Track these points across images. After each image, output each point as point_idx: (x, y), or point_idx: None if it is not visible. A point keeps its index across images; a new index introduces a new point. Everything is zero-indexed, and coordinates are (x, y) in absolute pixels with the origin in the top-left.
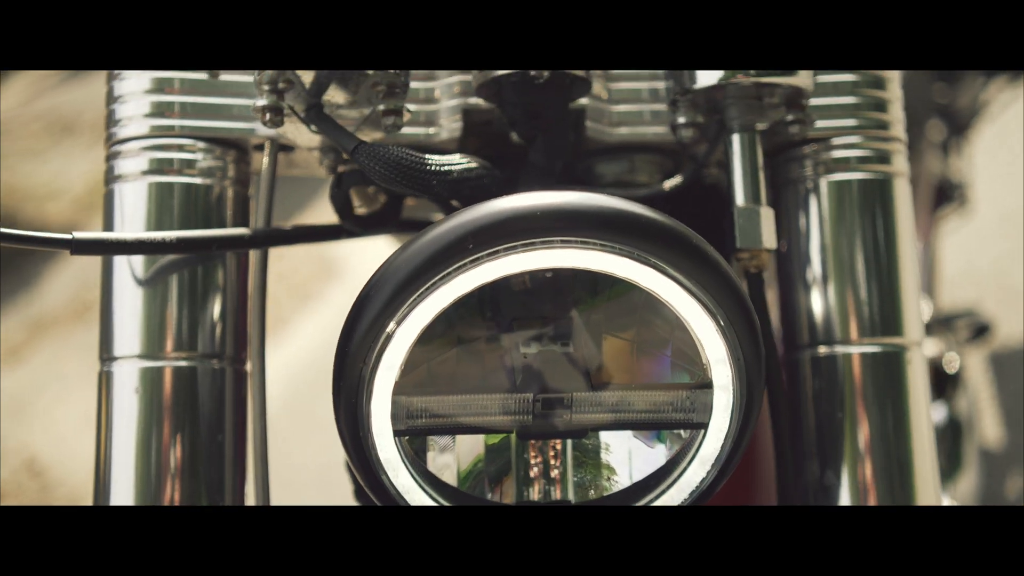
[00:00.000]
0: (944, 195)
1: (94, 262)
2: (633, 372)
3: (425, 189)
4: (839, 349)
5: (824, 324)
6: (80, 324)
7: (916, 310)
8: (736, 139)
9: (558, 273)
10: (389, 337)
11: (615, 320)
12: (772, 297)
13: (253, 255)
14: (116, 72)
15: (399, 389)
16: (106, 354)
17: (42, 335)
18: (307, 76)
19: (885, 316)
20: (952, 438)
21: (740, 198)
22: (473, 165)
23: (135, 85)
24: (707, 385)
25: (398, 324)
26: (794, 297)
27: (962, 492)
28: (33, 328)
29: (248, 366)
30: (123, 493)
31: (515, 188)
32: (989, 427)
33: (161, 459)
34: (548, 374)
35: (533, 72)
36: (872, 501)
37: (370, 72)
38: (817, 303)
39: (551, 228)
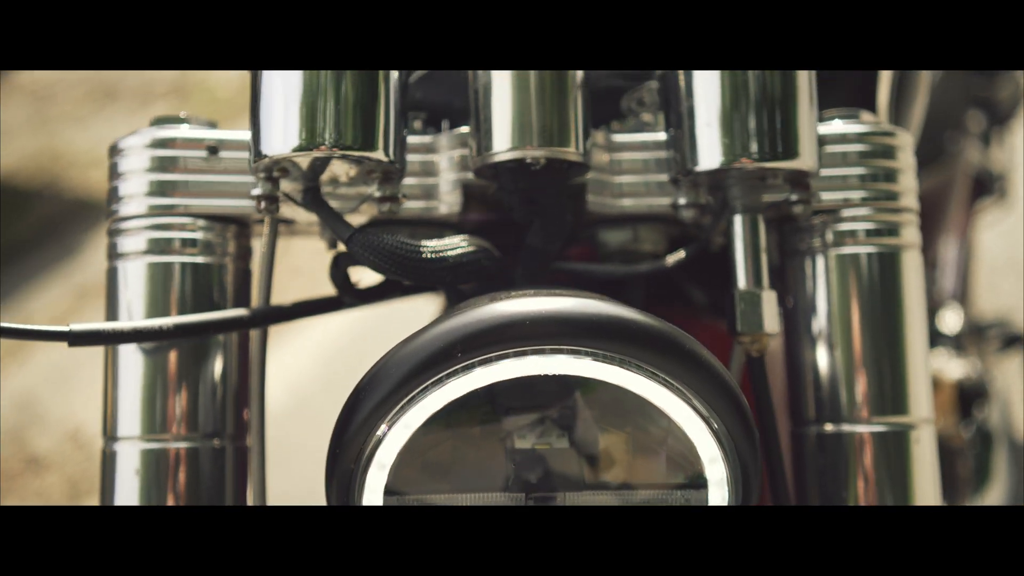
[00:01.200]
0: (984, 187)
1: None
2: (628, 468)
3: (421, 278)
4: (845, 427)
5: (830, 401)
6: None
7: (925, 386)
8: (738, 220)
9: None
10: (380, 439)
11: (610, 414)
12: (781, 360)
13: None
14: (119, 147)
15: (391, 486)
16: (108, 434)
17: (87, 303)
18: (303, 160)
19: (892, 394)
20: (983, 450)
21: (742, 281)
22: (470, 249)
23: (136, 163)
24: (702, 483)
25: (389, 426)
26: (801, 370)
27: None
28: (78, 296)
29: (248, 441)
30: None
31: (513, 269)
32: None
33: None
34: (541, 470)
35: (529, 159)
36: None
37: (365, 160)
38: (824, 378)
39: (540, 336)
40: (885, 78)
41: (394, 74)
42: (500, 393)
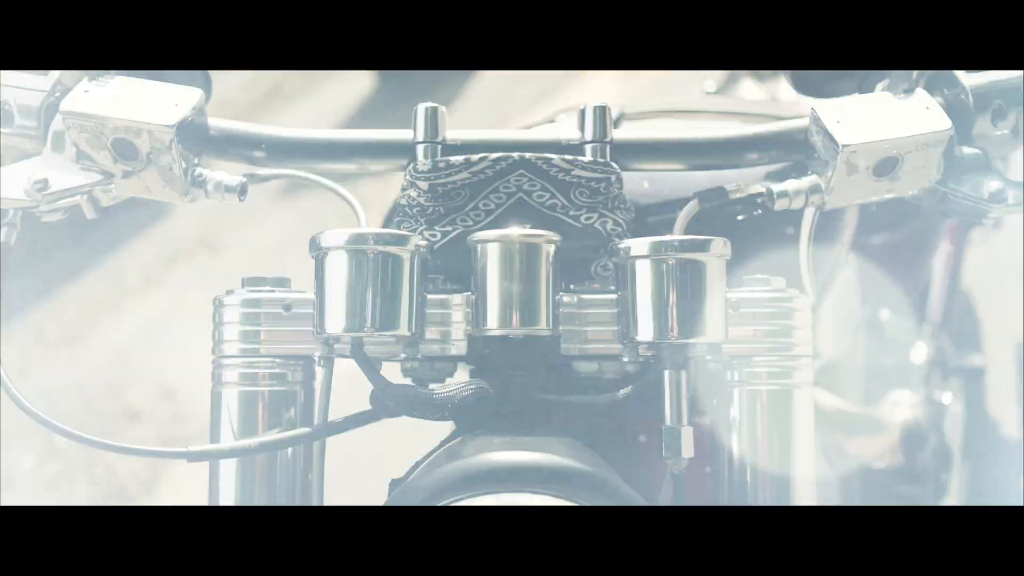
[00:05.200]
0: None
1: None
2: None
3: (434, 417)
4: None
5: (740, 503)
6: (211, 255)
7: (809, 493)
8: (667, 374)
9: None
10: None
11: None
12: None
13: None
14: (222, 302)
15: None
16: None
17: (175, 265)
18: (350, 335)
19: (783, 500)
20: (941, 470)
21: (668, 418)
22: (470, 390)
23: (231, 316)
24: None
25: None
26: (720, 476)
27: None
28: (169, 260)
29: None
30: None
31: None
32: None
33: None
34: None
35: (511, 335)
36: None
37: (393, 335)
38: (736, 484)
39: (510, 481)
40: (804, 243)
41: (416, 261)
42: None
